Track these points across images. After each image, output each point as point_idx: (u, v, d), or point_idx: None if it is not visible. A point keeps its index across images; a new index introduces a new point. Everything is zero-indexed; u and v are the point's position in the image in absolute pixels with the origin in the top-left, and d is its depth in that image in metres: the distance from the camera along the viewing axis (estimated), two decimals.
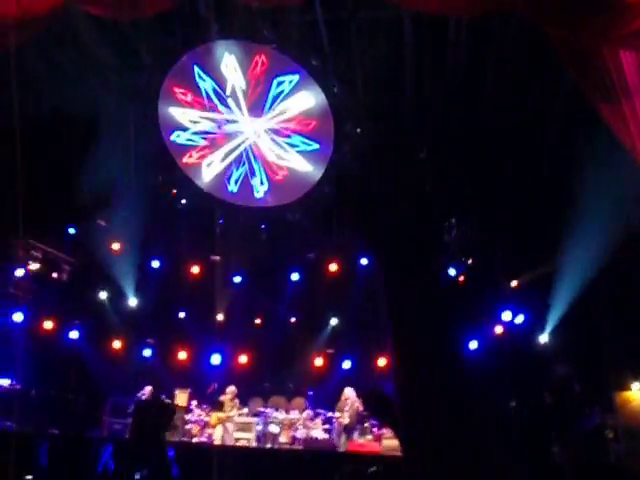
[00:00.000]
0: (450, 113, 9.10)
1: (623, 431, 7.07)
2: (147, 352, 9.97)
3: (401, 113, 9.68)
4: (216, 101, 9.85)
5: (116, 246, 10.01)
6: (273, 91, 9.91)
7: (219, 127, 9.87)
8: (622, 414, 7.11)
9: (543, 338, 9.57)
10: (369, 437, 8.16)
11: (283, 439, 8.19)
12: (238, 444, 7.93)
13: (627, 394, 7.25)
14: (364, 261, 10.26)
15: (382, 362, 9.57)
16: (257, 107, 9.98)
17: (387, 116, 9.76)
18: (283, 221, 10.33)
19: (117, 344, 9.97)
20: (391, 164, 9.33)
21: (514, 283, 9.96)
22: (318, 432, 8.41)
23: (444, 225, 10.14)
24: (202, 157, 10.13)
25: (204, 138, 10.14)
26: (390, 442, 7.65)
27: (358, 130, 9.89)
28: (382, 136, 9.59)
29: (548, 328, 9.62)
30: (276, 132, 10.18)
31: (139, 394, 8.65)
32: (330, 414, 8.71)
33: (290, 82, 10.01)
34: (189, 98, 9.78)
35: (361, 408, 7.75)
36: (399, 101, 9.72)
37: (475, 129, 9.48)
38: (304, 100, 10.00)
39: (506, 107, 8.98)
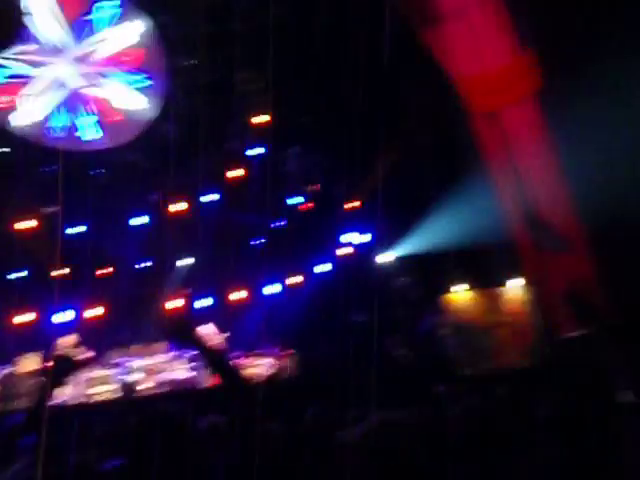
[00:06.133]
0: (287, 44, 9.05)
1: (453, 327, 8.01)
2: None
3: (234, 44, 9.46)
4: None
5: None
6: (93, 18, 9.16)
7: (35, 67, 8.99)
8: (451, 313, 8.05)
9: (386, 256, 10.30)
10: None
11: (147, 385, 8.18)
12: (99, 398, 7.80)
13: (453, 295, 8.17)
14: (211, 198, 10.18)
15: (237, 297, 9.76)
16: (74, 42, 9.21)
17: (221, 47, 9.49)
18: (121, 163, 9.84)
19: None
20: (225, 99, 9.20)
21: (356, 203, 10.42)
22: (183, 372, 8.50)
23: (286, 155, 10.33)
24: (16, 100, 9.21)
25: (19, 78, 9.20)
26: (252, 370, 8.02)
27: (192, 62, 9.55)
28: (217, 69, 9.35)
29: (390, 245, 10.35)
30: (98, 68, 9.48)
31: None
32: (194, 352, 8.79)
33: (112, 9, 9.28)
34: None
35: (217, 342, 7.95)
36: (232, 31, 9.47)
37: (311, 58, 9.55)
38: (129, 31, 9.38)
39: (338, 37, 9.12)
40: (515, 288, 8.02)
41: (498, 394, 5.24)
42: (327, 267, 10.34)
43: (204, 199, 10.05)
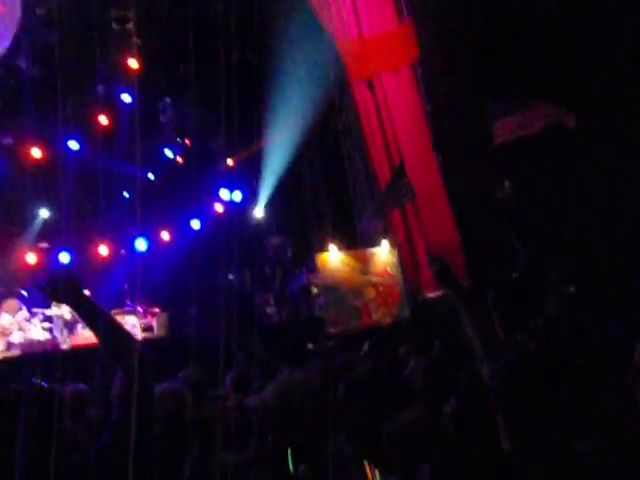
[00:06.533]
0: None
1: (323, 287, 8.19)
2: None
3: None
4: None
5: None
6: None
7: None
8: (322, 273, 8.19)
9: (258, 212, 10.28)
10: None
11: None
12: None
13: (325, 255, 8.27)
14: (73, 145, 9.40)
15: (100, 251, 9.22)
16: None
17: None
18: None
19: None
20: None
21: (230, 162, 10.29)
22: (37, 333, 7.92)
23: (159, 105, 9.80)
24: None
25: None
26: None
27: None
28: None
29: (262, 202, 10.34)
30: None
31: None
32: (49, 311, 8.21)
33: None
34: None
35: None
36: None
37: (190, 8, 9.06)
38: None
39: None
40: (384, 249, 8.35)
41: (364, 351, 5.49)
42: (198, 224, 10.08)
43: (65, 145, 9.25)
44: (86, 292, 2.65)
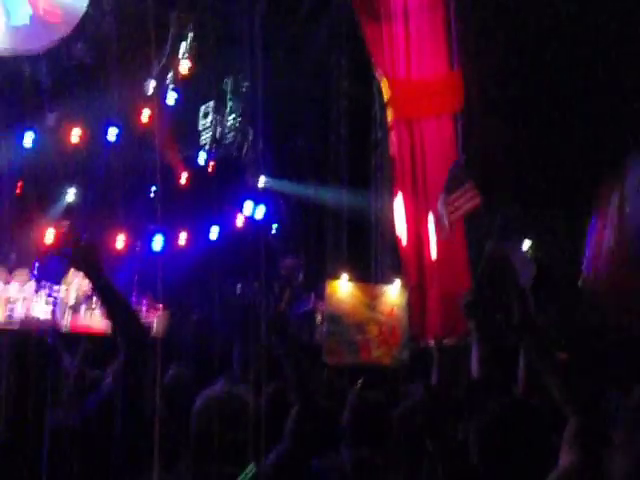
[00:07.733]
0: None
1: (328, 315, 8.05)
2: None
3: None
4: None
5: None
6: None
7: None
8: (329, 301, 8.03)
9: (277, 230, 10.36)
10: (97, 313, 7.94)
11: None
12: None
13: (335, 283, 8.05)
14: (112, 134, 9.60)
15: (117, 241, 9.31)
16: None
17: None
18: (18, 74, 8.96)
19: None
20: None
21: (262, 183, 10.39)
22: (40, 308, 7.93)
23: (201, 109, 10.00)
24: None
25: None
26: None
27: None
28: None
29: (283, 221, 10.42)
30: None
31: None
32: (57, 287, 8.23)
33: None
34: None
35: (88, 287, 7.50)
36: None
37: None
38: None
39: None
40: (395, 289, 8.26)
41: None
42: (217, 231, 10.17)
43: (105, 132, 9.46)
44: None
